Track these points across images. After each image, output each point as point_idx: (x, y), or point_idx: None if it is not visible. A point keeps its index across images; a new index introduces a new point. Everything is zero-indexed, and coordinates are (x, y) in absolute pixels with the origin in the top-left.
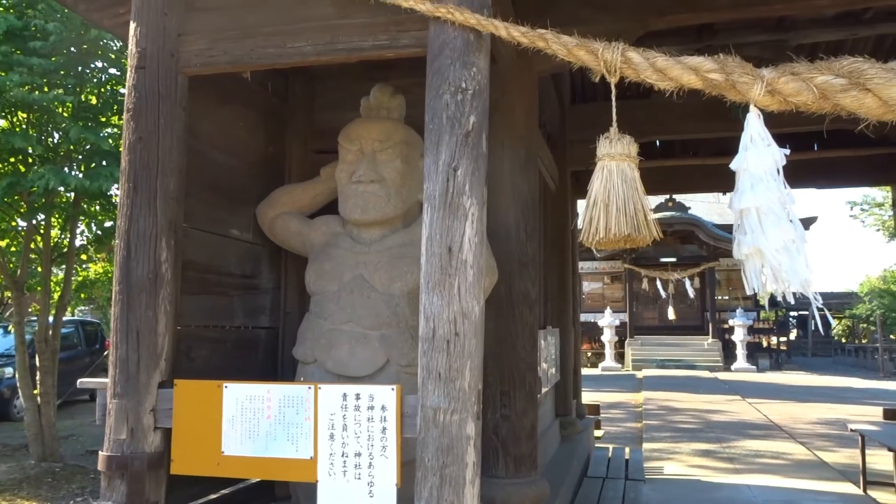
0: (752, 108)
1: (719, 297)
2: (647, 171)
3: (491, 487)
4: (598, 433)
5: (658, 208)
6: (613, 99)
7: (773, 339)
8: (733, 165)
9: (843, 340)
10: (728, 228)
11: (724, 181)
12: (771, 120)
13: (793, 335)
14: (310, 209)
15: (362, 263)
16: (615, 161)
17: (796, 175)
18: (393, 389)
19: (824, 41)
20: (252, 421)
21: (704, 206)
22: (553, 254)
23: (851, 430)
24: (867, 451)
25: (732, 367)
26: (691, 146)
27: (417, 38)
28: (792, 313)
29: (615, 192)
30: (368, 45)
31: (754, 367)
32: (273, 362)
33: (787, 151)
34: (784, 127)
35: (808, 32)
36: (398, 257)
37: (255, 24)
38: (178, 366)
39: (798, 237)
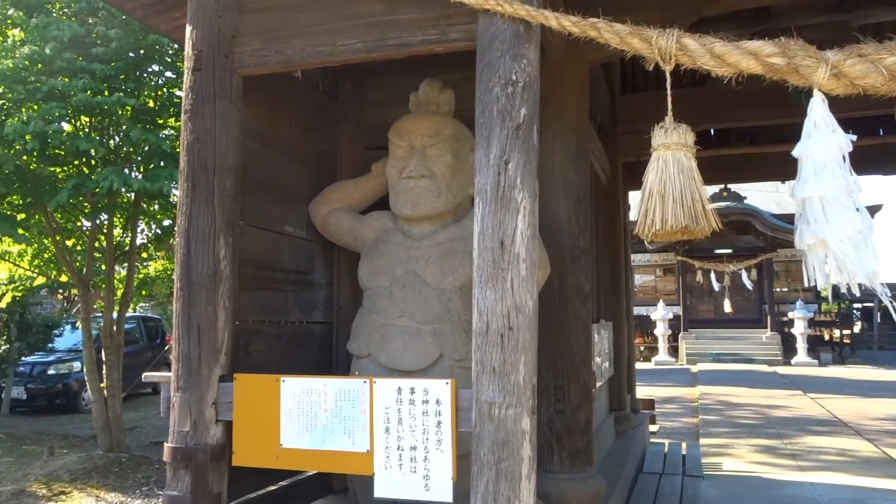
0: (815, 92)
1: (778, 289)
2: (701, 160)
3: (546, 482)
4: (652, 428)
5: (713, 198)
6: (669, 87)
7: (836, 332)
8: (796, 153)
9: None
10: (786, 218)
11: (782, 169)
12: (835, 104)
13: (857, 328)
14: (361, 205)
15: (414, 258)
16: (671, 151)
17: (861, 161)
18: (447, 383)
19: (890, 20)
20: (309, 414)
21: (761, 195)
22: (605, 246)
23: None
24: None
25: (792, 362)
26: (748, 134)
27: (467, 32)
28: (856, 305)
29: (671, 183)
30: (418, 41)
31: (816, 361)
32: (327, 357)
33: (854, 137)
34: (847, 112)
35: (871, 12)
36: (449, 252)
37: (305, 23)
38: (237, 360)
39: (865, 227)
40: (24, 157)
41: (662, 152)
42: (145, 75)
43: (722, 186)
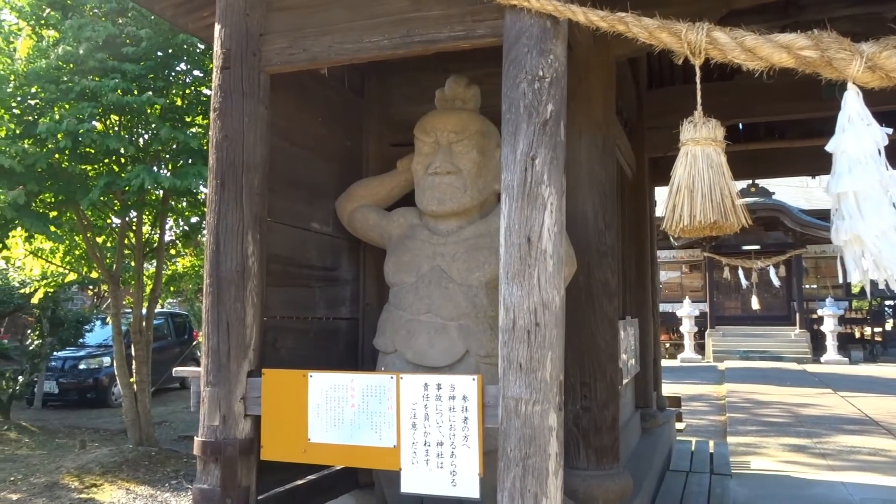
0: (850, 85)
1: (807, 286)
2: (729, 155)
3: (572, 479)
4: (679, 426)
5: (741, 194)
6: (698, 81)
7: (867, 330)
8: (830, 147)
9: None
10: (816, 214)
11: (812, 164)
12: (869, 97)
13: (889, 325)
14: (387, 202)
15: (440, 254)
16: (700, 146)
17: None
18: (474, 379)
19: None
20: (337, 409)
21: (791, 190)
22: (631, 242)
23: None
24: None
25: (822, 359)
26: (777, 128)
27: (493, 28)
28: (888, 302)
29: (700, 178)
30: (444, 37)
31: (846, 358)
32: (354, 352)
33: (890, 131)
34: (881, 105)
35: None
36: (475, 248)
37: (332, 20)
38: (265, 356)
39: None
40: (56, 156)
41: (691, 147)
42: (173, 74)
43: (750, 182)
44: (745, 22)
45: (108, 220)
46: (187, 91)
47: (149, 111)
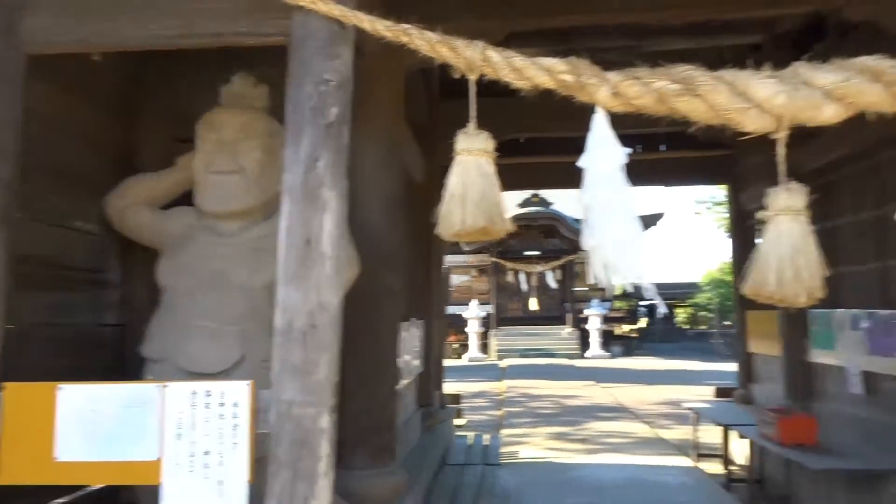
0: (598, 109)
1: (578, 289)
2: (512, 167)
3: (349, 479)
4: (460, 422)
5: (524, 204)
6: (472, 95)
7: (625, 328)
8: (581, 163)
9: (688, 327)
10: None
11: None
12: (628, 121)
13: (643, 323)
14: (164, 200)
15: (220, 256)
16: (473, 156)
17: (647, 173)
18: (247, 385)
19: (677, 49)
20: (91, 424)
21: (567, 201)
22: (418, 247)
23: (686, 409)
24: (700, 427)
25: (587, 355)
26: (556, 144)
27: (280, 27)
28: (643, 303)
29: (472, 186)
30: (229, 32)
31: (608, 353)
32: (120, 361)
33: (630, 151)
34: (637, 128)
35: (660, 40)
36: (258, 250)
37: (105, 3)
38: (12, 367)
39: (636, 233)
40: None
41: (465, 157)
42: None
43: (533, 192)
44: (529, 44)
45: None
46: None
47: None
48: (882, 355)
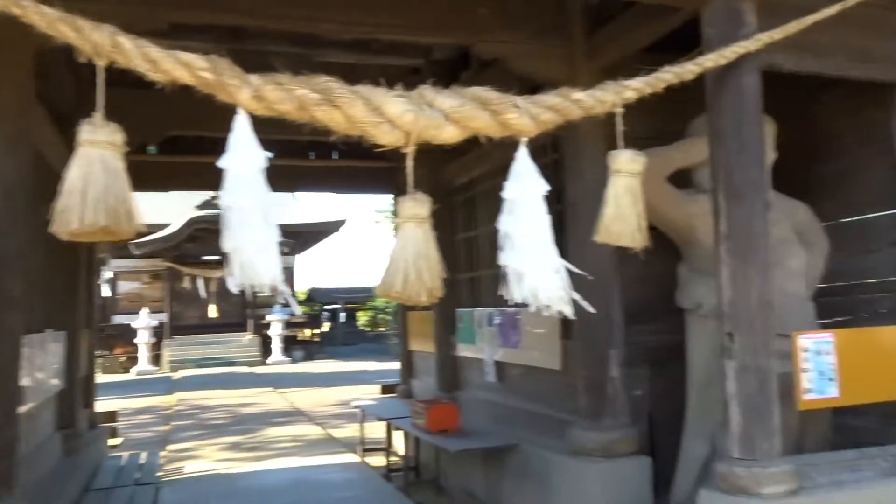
0: (240, 111)
1: (261, 294)
2: (190, 166)
3: None
4: (115, 441)
5: (203, 205)
6: (101, 83)
7: (308, 332)
8: (221, 164)
9: (368, 329)
10: (284, 229)
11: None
12: (297, 128)
13: (326, 327)
14: None
15: None
16: (97, 148)
17: (321, 180)
18: None
19: (348, 63)
20: None
21: None
22: (58, 248)
23: (354, 407)
24: (368, 424)
25: (269, 361)
26: (222, 144)
27: None
28: (327, 307)
29: (94, 182)
30: None
31: (290, 359)
32: None
33: (271, 155)
34: (309, 136)
35: (328, 52)
36: None
37: None
38: None
39: (272, 237)
40: None
41: (88, 149)
42: None
43: (214, 194)
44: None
45: None
46: None
47: None
48: (509, 347)
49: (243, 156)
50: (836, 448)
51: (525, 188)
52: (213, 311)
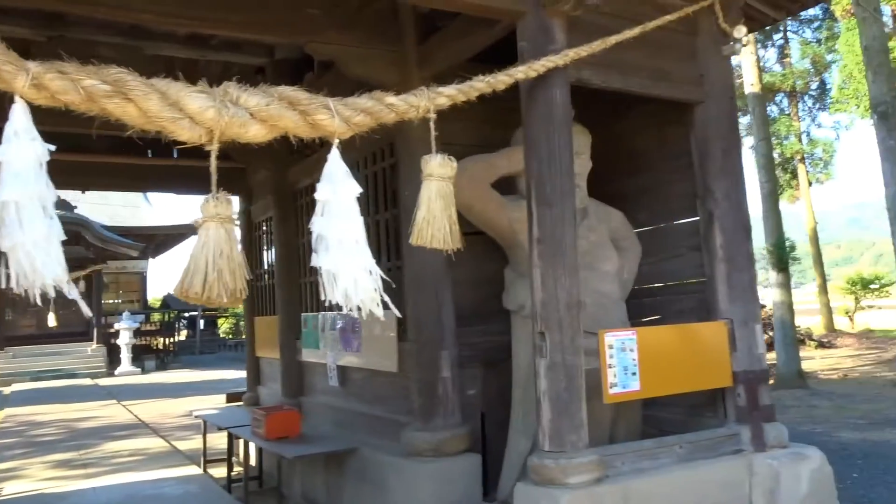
0: (17, 99)
1: (108, 301)
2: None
3: None
4: None
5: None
6: None
7: (161, 340)
8: None
9: (229, 337)
10: (118, 231)
11: (132, 181)
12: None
13: (183, 335)
14: None
15: None
16: None
17: (161, 180)
18: None
19: (188, 58)
20: None
21: (91, 206)
22: None
23: (195, 417)
24: (216, 434)
25: (117, 372)
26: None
27: None
28: (184, 314)
29: None
30: None
31: (139, 369)
32: None
33: (53, 148)
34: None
35: (161, 45)
36: None
37: None
38: None
39: (53, 234)
40: None
41: None
42: None
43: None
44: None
45: None
46: None
47: None
48: (351, 351)
49: (21, 148)
50: (645, 438)
51: (337, 189)
52: (52, 320)
